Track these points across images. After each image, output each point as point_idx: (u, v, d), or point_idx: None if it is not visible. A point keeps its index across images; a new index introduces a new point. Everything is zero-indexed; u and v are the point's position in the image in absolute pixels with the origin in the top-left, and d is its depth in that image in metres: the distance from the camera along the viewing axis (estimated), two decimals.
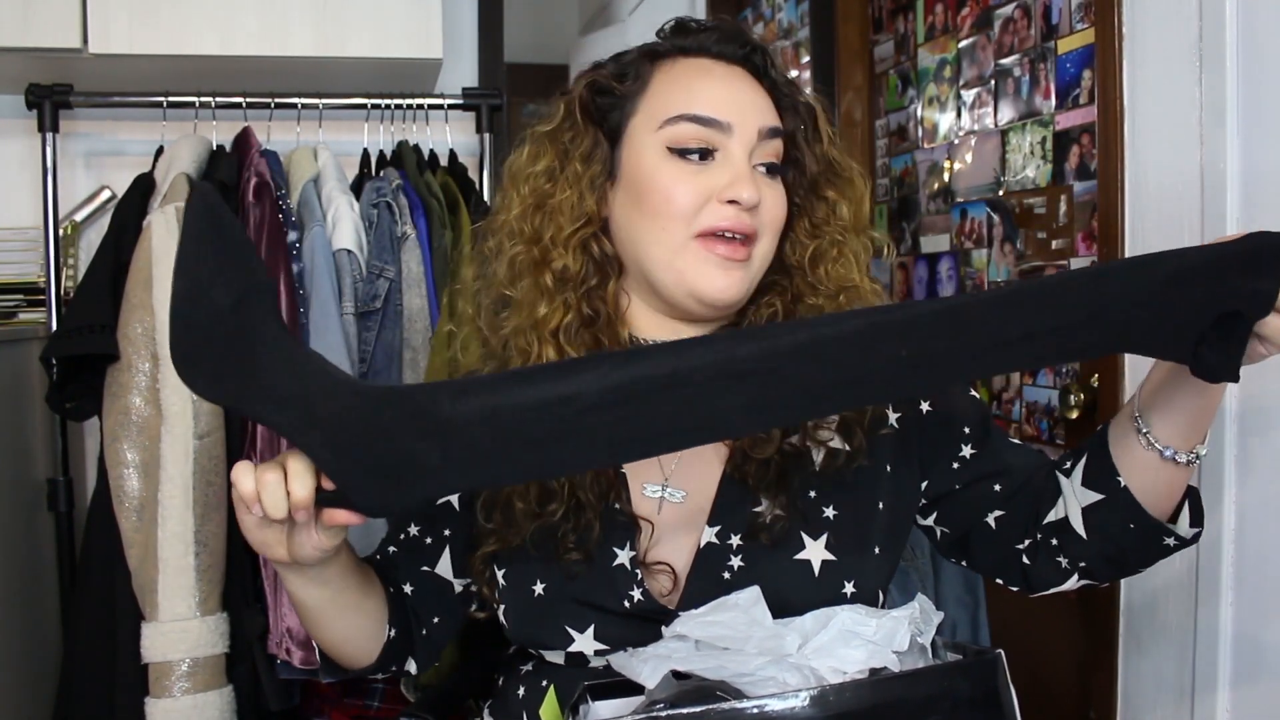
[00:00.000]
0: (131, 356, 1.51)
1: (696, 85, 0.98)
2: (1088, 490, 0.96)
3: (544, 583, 0.97)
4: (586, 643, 0.95)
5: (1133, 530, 0.94)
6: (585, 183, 0.99)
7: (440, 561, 1.06)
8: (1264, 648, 1.28)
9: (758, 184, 0.97)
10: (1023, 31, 2.00)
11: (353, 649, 1.02)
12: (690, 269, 0.96)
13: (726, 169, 0.96)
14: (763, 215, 0.98)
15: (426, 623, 1.07)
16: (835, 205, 1.03)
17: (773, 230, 0.99)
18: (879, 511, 0.99)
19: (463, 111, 1.96)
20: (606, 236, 1.01)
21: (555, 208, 0.99)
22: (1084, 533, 0.96)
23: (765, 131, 0.98)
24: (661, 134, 0.97)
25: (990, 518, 1.02)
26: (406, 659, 1.06)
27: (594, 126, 1.01)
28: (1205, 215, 1.35)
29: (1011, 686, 0.82)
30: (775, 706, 0.75)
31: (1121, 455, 0.94)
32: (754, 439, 0.96)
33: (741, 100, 0.98)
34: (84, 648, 1.56)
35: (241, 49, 1.78)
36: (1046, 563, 0.99)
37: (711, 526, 0.96)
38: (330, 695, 1.72)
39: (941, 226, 2.32)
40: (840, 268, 1.01)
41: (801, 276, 1.01)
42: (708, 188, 0.95)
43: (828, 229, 1.02)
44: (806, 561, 0.95)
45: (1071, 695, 1.75)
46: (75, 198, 2.00)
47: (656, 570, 0.96)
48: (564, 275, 0.98)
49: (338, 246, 1.64)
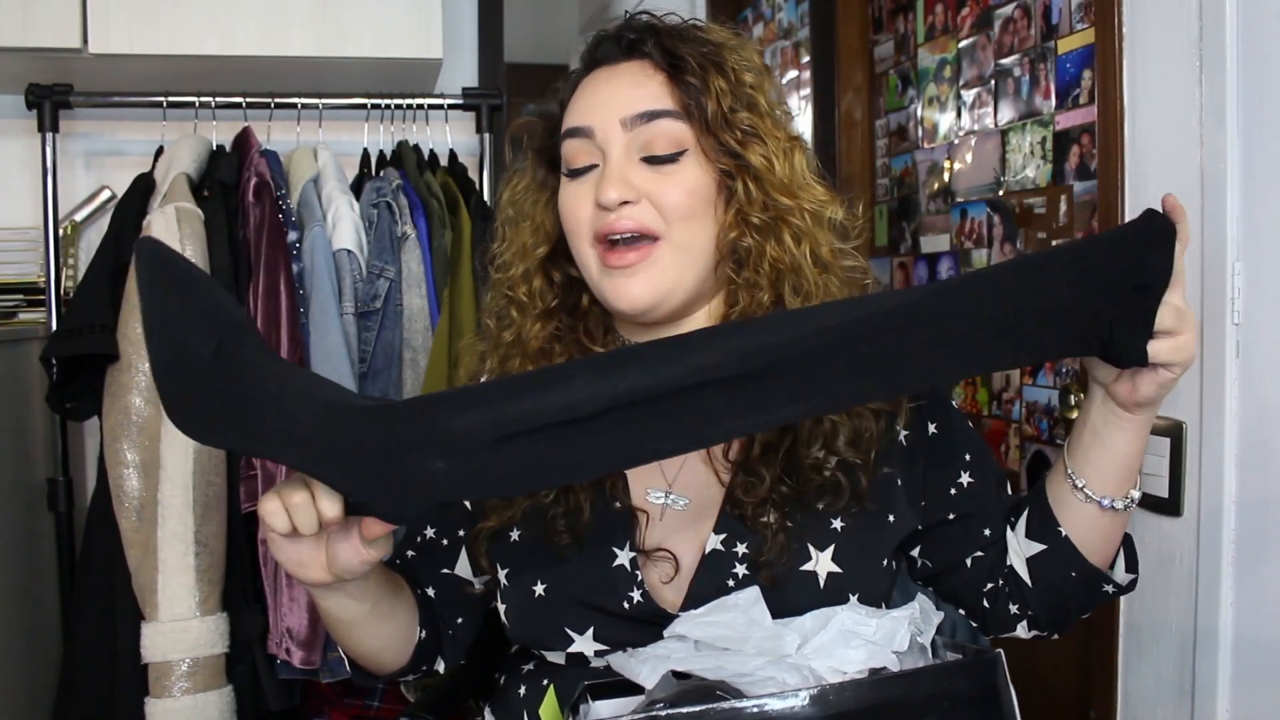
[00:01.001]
0: (131, 356, 1.51)
1: (576, 100, 1.00)
2: (1031, 541, 0.99)
3: (545, 583, 0.97)
4: (586, 644, 0.95)
5: (1074, 578, 0.97)
6: (540, 211, 1.04)
7: (459, 562, 1.07)
8: (1264, 648, 1.28)
9: (633, 180, 0.94)
10: (1023, 31, 2.00)
11: (389, 656, 1.03)
12: (603, 284, 0.97)
13: (603, 174, 0.97)
14: (657, 208, 0.94)
15: (451, 624, 1.09)
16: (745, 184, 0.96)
17: (680, 218, 0.95)
18: (889, 525, 0.99)
19: (463, 111, 1.96)
20: (571, 260, 1.03)
21: (517, 237, 1.05)
22: (1030, 581, 1.00)
23: (631, 120, 0.95)
24: (562, 158, 1.00)
25: (968, 558, 1.04)
26: (436, 658, 1.08)
27: (542, 162, 1.05)
28: (1205, 215, 1.35)
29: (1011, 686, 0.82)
30: (775, 706, 0.75)
31: (1060, 506, 0.97)
32: (744, 481, 0.96)
33: (604, 100, 0.97)
34: (84, 648, 1.56)
35: (241, 49, 1.78)
36: (1002, 608, 1.02)
37: (717, 534, 0.96)
38: (330, 695, 1.72)
39: (941, 226, 2.32)
40: (776, 250, 0.95)
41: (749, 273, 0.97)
42: (591, 196, 0.97)
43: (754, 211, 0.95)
44: (813, 573, 0.94)
45: (1071, 695, 1.75)
46: (75, 198, 2.00)
47: (659, 558, 0.96)
48: (532, 298, 1.03)
49: (338, 246, 1.64)
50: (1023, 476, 2.03)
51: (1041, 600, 1.00)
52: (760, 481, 0.95)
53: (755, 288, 0.96)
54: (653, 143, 0.95)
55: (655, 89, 0.96)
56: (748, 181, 0.96)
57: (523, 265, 1.04)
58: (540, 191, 1.05)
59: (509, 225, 1.07)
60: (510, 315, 1.04)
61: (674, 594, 0.96)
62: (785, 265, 0.95)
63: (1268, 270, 1.30)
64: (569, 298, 1.04)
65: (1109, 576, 0.98)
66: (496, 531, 1.01)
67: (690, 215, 0.95)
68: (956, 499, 1.03)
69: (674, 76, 0.96)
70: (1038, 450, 1.99)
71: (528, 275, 1.04)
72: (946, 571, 1.05)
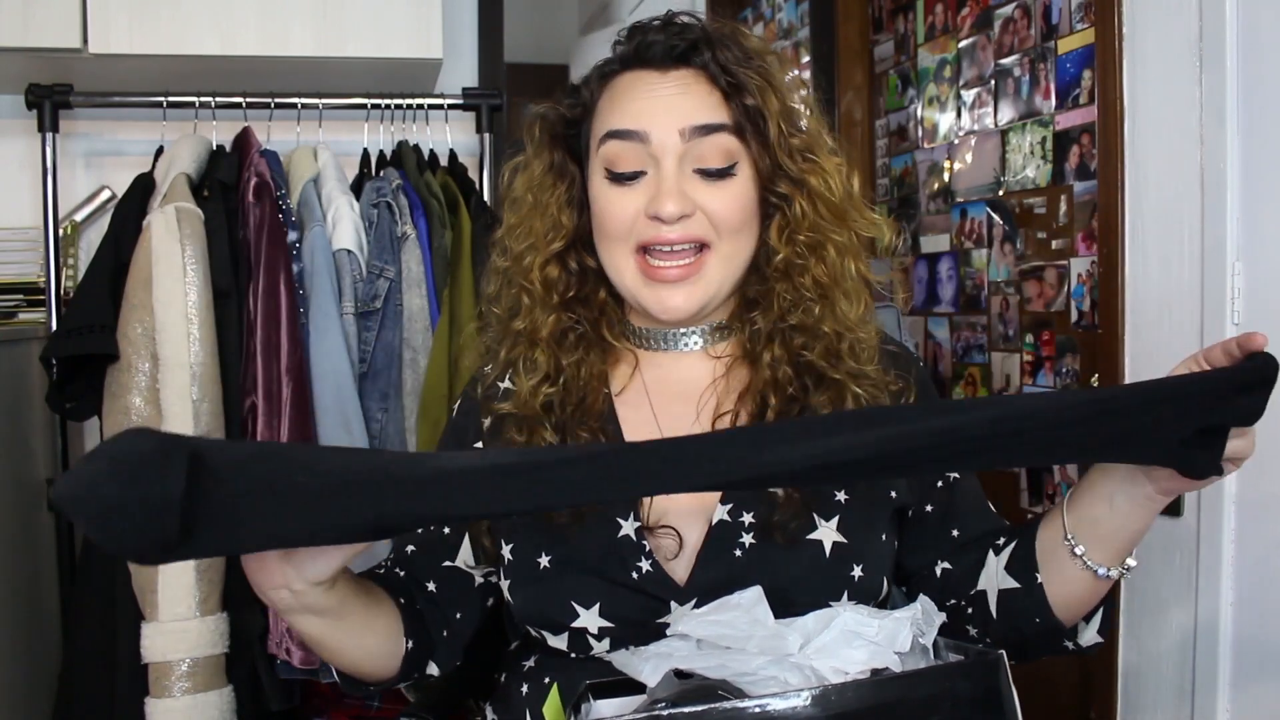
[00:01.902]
0: (131, 356, 1.51)
1: (622, 99, 0.99)
2: (1008, 576, 0.98)
3: (550, 555, 0.97)
4: (591, 619, 0.95)
5: (1038, 625, 0.96)
6: (556, 203, 1.03)
7: (460, 553, 1.07)
8: (1264, 648, 1.28)
9: (688, 192, 0.95)
10: (1023, 31, 2.00)
11: (370, 668, 1.01)
12: (640, 290, 0.98)
13: (655, 182, 0.96)
14: (709, 220, 0.96)
15: (450, 619, 1.07)
16: (796, 202, 0.98)
17: (729, 231, 0.97)
18: (889, 500, 1.00)
19: (463, 111, 1.96)
20: (588, 250, 1.03)
21: (532, 227, 1.04)
22: (995, 613, 0.98)
23: (690, 131, 0.96)
24: (599, 156, 0.99)
25: (939, 568, 1.04)
26: (426, 664, 1.06)
27: (560, 150, 1.04)
28: (1205, 215, 1.35)
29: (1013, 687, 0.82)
30: (777, 706, 0.75)
31: (1046, 559, 0.95)
32: None
33: (662, 106, 0.97)
34: (84, 648, 1.56)
35: (241, 49, 1.78)
36: (960, 627, 1.01)
37: (724, 505, 0.97)
38: (330, 695, 1.72)
39: (941, 226, 2.32)
40: (821, 268, 0.98)
41: (785, 285, 0.99)
42: (638, 205, 0.96)
43: (802, 229, 0.99)
44: (819, 542, 0.95)
45: (1071, 695, 1.75)
46: (75, 198, 2.00)
47: (661, 534, 0.97)
48: (547, 288, 1.02)
49: (338, 246, 1.64)
50: (1023, 476, 2.03)
51: (1002, 635, 0.98)
52: None
53: (796, 300, 0.98)
54: (708, 156, 0.96)
55: (713, 103, 0.97)
56: (802, 201, 0.98)
57: (537, 255, 1.03)
58: (557, 183, 1.04)
59: (520, 213, 1.05)
60: (521, 303, 1.03)
61: (681, 566, 0.96)
62: (827, 281, 0.98)
63: (1268, 270, 1.30)
64: (583, 289, 1.04)
65: (1070, 635, 0.97)
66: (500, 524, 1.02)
67: (739, 229, 0.98)
68: (940, 491, 1.03)
69: (730, 95, 0.97)
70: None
71: (542, 265, 1.02)
72: (914, 577, 1.05)
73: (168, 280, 1.51)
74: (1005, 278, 2.09)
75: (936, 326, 2.35)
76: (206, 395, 1.51)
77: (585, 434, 0.99)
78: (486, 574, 1.08)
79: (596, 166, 1.00)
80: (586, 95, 1.03)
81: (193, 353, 1.50)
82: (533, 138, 1.06)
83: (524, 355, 1.02)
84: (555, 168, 1.04)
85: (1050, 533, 0.95)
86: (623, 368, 1.05)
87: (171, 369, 1.49)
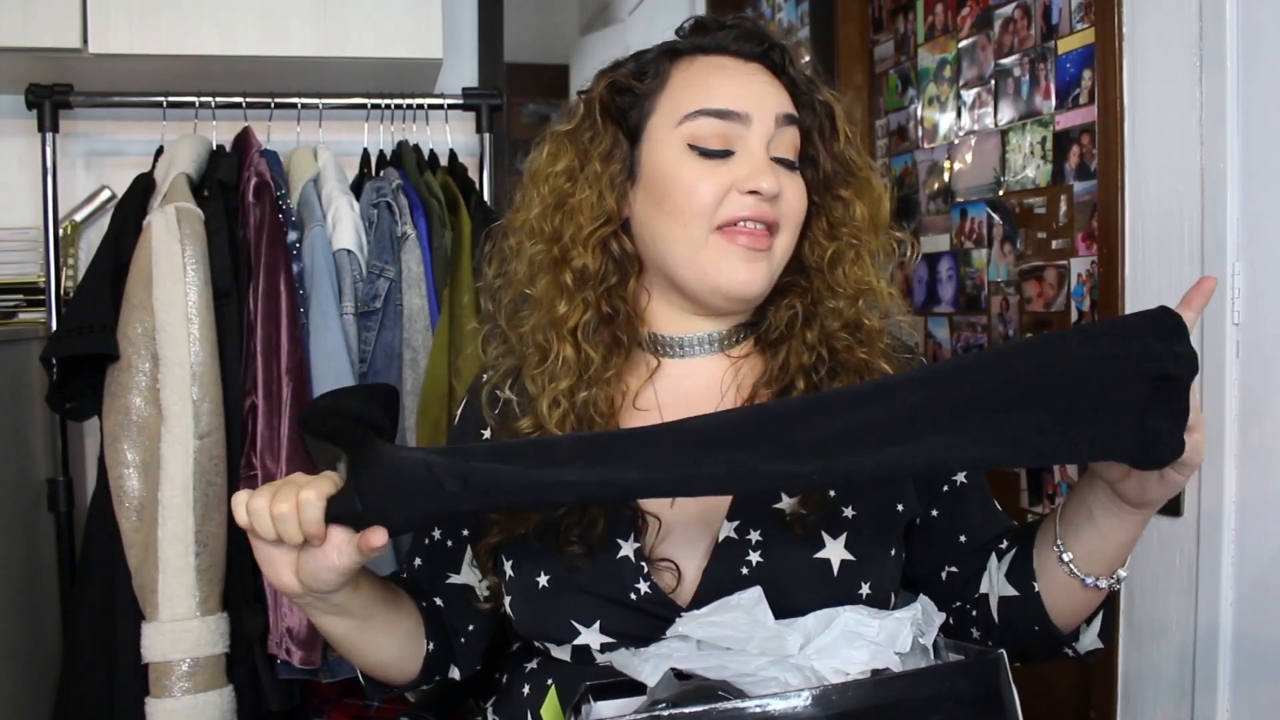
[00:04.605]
0: (131, 356, 1.51)
1: (714, 81, 0.99)
2: (1007, 584, 0.98)
3: (549, 574, 0.97)
4: (593, 636, 0.95)
5: (1037, 632, 0.96)
6: (605, 182, 1.00)
7: (463, 566, 1.07)
8: (1264, 648, 1.28)
9: (777, 175, 0.97)
10: (1023, 31, 2.00)
11: (392, 670, 1.02)
12: (712, 264, 0.96)
13: (745, 161, 0.97)
14: (783, 207, 0.98)
15: (463, 631, 1.07)
16: (851, 205, 1.02)
17: (793, 223, 1.00)
18: (898, 514, 0.99)
19: (463, 111, 1.96)
20: (627, 235, 1.02)
21: (575, 207, 1.00)
22: (997, 619, 0.99)
23: (782, 118, 0.99)
24: (681, 130, 0.98)
25: (944, 572, 1.04)
26: (449, 668, 1.07)
27: (614, 125, 1.01)
28: (1205, 215, 1.35)
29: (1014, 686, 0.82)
30: (777, 706, 0.75)
31: (1041, 565, 0.95)
32: None
33: (757, 92, 0.99)
34: (84, 648, 1.56)
35: (241, 49, 1.78)
36: (964, 629, 1.02)
37: (730, 521, 0.96)
38: (330, 695, 1.72)
39: (941, 226, 2.32)
40: (858, 269, 1.01)
41: (820, 278, 1.01)
42: (728, 181, 0.96)
43: (845, 229, 1.02)
44: (826, 560, 0.94)
45: (1072, 695, 1.75)
46: (75, 198, 2.00)
47: (661, 568, 0.96)
48: (583, 274, 0.99)
49: (338, 246, 1.64)
50: (1022, 476, 2.03)
51: (1004, 640, 0.98)
52: None
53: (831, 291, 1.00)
54: (786, 146, 0.99)
55: (789, 100, 1.01)
56: (852, 204, 1.02)
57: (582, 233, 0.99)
58: (608, 160, 1.00)
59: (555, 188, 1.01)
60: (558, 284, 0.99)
61: (686, 585, 0.96)
62: (861, 282, 1.01)
63: (1268, 270, 1.30)
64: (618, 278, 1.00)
65: (1069, 641, 0.97)
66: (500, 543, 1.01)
67: (798, 224, 1.01)
68: (946, 495, 1.03)
69: (800, 97, 1.02)
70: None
71: (587, 247, 0.99)
72: (920, 581, 1.05)
73: (168, 280, 1.51)
74: (1005, 278, 2.09)
75: (936, 326, 2.35)
76: (206, 395, 1.51)
77: None
78: (490, 587, 1.06)
79: (674, 140, 0.98)
80: (654, 71, 1.01)
81: (193, 353, 1.50)
82: (585, 110, 1.02)
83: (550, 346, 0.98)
84: (605, 144, 1.01)
85: (1045, 539, 0.95)
86: (640, 372, 1.02)
87: (171, 369, 1.49)
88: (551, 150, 1.03)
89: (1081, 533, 0.91)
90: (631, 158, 1.01)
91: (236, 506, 0.84)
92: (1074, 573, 0.92)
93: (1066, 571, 0.92)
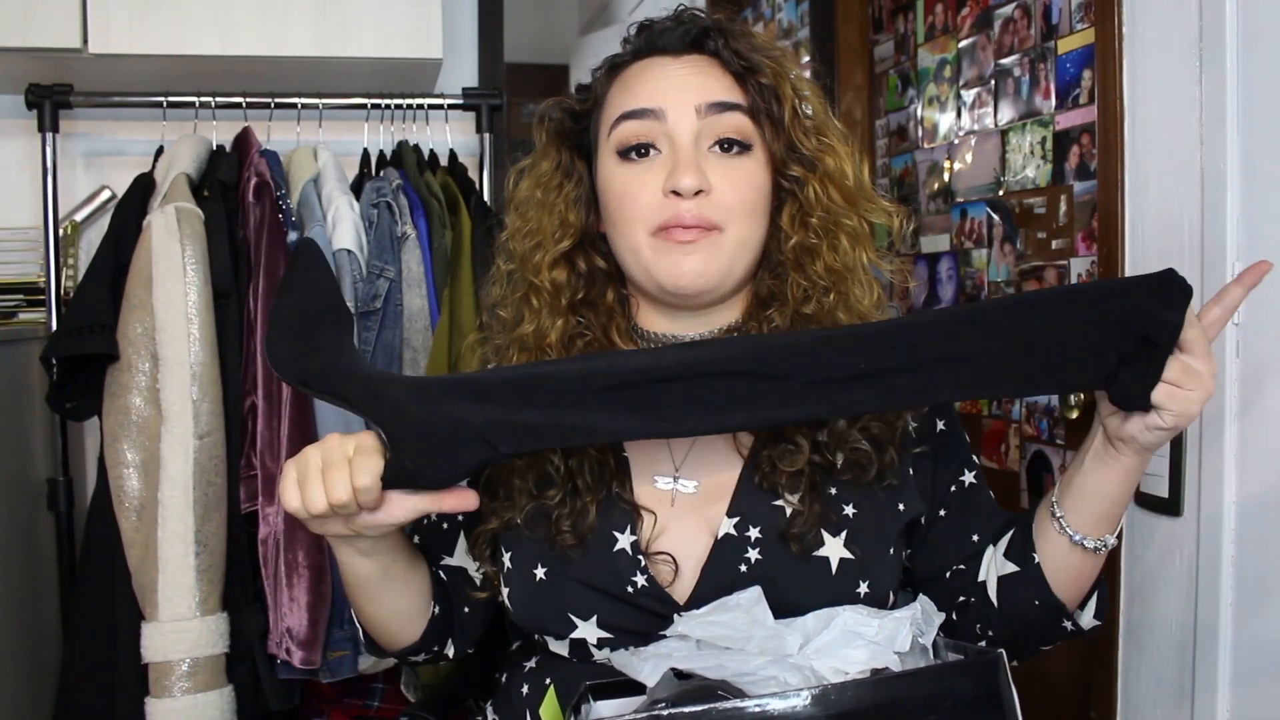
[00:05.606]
0: (131, 356, 1.51)
1: (635, 83, 1.00)
2: (1007, 561, 0.99)
3: (546, 566, 0.97)
4: (590, 630, 0.95)
5: (1036, 607, 0.97)
6: (564, 203, 1.03)
7: (456, 550, 1.08)
8: (1264, 648, 1.28)
9: (704, 167, 0.96)
10: (1023, 31, 2.00)
11: (398, 625, 1.04)
12: (655, 264, 0.97)
13: (670, 159, 0.96)
14: (717, 198, 0.96)
15: (458, 612, 1.09)
16: (818, 186, 0.99)
17: (742, 213, 0.97)
18: (899, 513, 0.99)
19: (463, 111, 1.96)
20: (596, 250, 1.04)
21: (538, 229, 1.03)
22: (996, 601, 0.99)
23: (706, 108, 0.97)
24: (611, 140, 0.99)
25: (950, 571, 1.04)
26: (447, 640, 1.09)
27: (567, 149, 1.05)
28: (1205, 215, 1.35)
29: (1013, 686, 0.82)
30: (776, 705, 0.75)
31: (1039, 533, 0.97)
32: (782, 450, 0.96)
33: (675, 84, 0.98)
34: (84, 648, 1.56)
35: (241, 49, 1.78)
36: (968, 623, 1.02)
37: (730, 518, 0.96)
38: (330, 695, 1.72)
39: (941, 226, 2.32)
40: (835, 257, 0.99)
41: (799, 275, 0.99)
42: (655, 184, 0.96)
43: (816, 216, 0.99)
44: (825, 559, 0.94)
45: (1072, 695, 1.75)
46: (75, 198, 2.00)
47: (659, 560, 0.96)
48: (555, 291, 1.02)
49: (338, 246, 1.64)
50: (1022, 476, 2.03)
51: (1004, 623, 0.99)
52: (799, 451, 0.95)
53: (809, 291, 0.98)
54: (726, 131, 0.97)
55: (727, 84, 0.98)
56: (815, 185, 0.99)
57: (545, 255, 1.02)
58: (564, 181, 1.04)
59: (526, 214, 1.05)
60: (532, 305, 1.02)
61: (683, 580, 0.96)
62: (839, 269, 0.98)
63: None
64: (591, 292, 1.04)
65: (1069, 614, 0.98)
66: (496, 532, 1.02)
67: (751, 212, 0.98)
68: (955, 495, 1.04)
69: (744, 78, 0.98)
70: (1038, 450, 1.99)
71: (551, 265, 1.02)
72: (927, 580, 1.05)
73: (168, 280, 1.51)
74: (1005, 278, 2.09)
75: None
76: (206, 395, 1.51)
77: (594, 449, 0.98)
78: (487, 575, 1.07)
79: (608, 151, 0.99)
80: (596, 89, 1.03)
81: (193, 352, 1.50)
82: (539, 137, 1.06)
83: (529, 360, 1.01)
84: (562, 166, 1.05)
85: (1044, 508, 0.97)
86: None
87: (171, 369, 1.49)
88: (527, 172, 1.07)
89: (1073, 485, 0.94)
90: (590, 176, 1.04)
91: (288, 499, 0.85)
92: (1064, 529, 0.94)
93: (1057, 529, 0.94)
